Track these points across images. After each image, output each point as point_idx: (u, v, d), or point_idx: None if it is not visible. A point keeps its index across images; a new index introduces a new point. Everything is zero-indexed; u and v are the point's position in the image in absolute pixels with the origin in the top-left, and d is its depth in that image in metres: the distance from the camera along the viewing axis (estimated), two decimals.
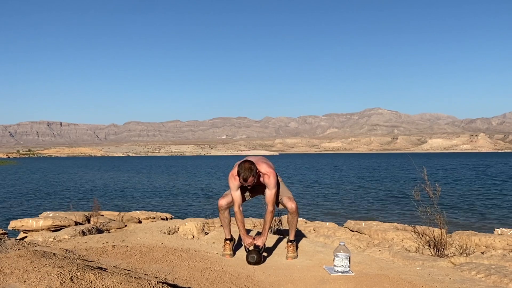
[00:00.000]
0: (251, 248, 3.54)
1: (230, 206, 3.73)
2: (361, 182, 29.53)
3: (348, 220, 6.57)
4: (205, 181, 33.08)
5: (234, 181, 3.56)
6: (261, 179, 3.55)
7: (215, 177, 37.56)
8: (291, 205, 3.63)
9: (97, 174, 45.80)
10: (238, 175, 3.42)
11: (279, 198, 3.73)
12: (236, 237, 3.94)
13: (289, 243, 3.75)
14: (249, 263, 3.42)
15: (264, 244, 3.57)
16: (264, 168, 3.54)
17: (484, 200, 17.17)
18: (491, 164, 60.52)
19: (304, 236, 5.46)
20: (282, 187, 3.76)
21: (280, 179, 3.79)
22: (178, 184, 29.85)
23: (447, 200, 16.29)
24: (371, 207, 15.88)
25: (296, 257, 3.65)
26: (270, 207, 3.55)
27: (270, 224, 3.65)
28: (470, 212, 13.90)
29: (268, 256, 3.75)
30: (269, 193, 3.54)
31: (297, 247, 3.79)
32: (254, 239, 3.58)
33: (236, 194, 3.59)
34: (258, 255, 3.45)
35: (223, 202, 3.70)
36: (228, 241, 3.75)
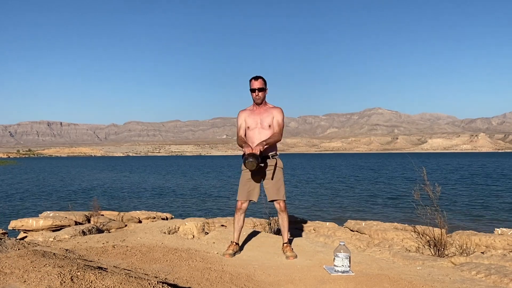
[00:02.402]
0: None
1: (248, 206, 3.82)
2: (361, 182, 29.53)
3: (348, 220, 6.56)
4: (205, 181, 33.08)
5: (240, 114, 3.84)
6: (271, 111, 3.76)
7: (215, 177, 37.57)
8: (279, 204, 3.76)
9: (97, 174, 45.80)
10: (250, 81, 3.71)
11: (274, 196, 3.75)
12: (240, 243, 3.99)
13: (285, 244, 3.82)
14: (246, 165, 3.46)
15: (261, 152, 3.54)
16: (275, 106, 3.82)
17: (484, 200, 17.16)
18: (490, 164, 60.51)
19: (304, 236, 5.47)
20: (281, 183, 3.79)
21: (281, 166, 3.85)
22: (178, 184, 29.85)
23: (447, 200, 16.28)
24: (371, 207, 15.87)
25: (296, 256, 3.67)
26: (277, 133, 3.72)
27: (271, 141, 3.66)
28: (470, 212, 13.89)
29: (268, 256, 3.77)
30: (277, 119, 3.74)
31: (292, 248, 3.83)
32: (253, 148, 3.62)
33: (242, 125, 3.80)
34: (255, 158, 3.43)
35: (242, 204, 3.77)
36: (234, 243, 3.81)
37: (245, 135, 3.79)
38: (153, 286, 2.10)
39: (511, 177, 31.55)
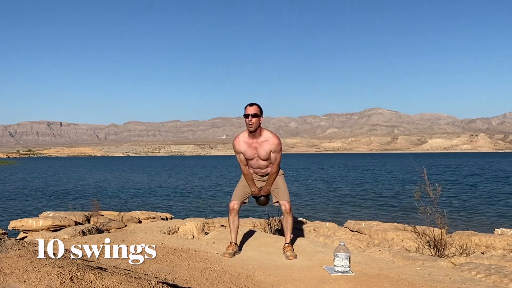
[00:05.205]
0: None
1: (240, 207, 3.85)
2: (361, 182, 29.53)
3: (348, 220, 6.56)
4: (205, 181, 33.08)
5: (236, 145, 3.76)
6: (267, 143, 3.68)
7: (215, 177, 37.56)
8: (285, 206, 3.77)
9: (97, 174, 45.79)
10: (245, 108, 3.65)
11: (278, 197, 3.80)
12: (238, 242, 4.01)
13: (286, 244, 3.83)
14: (260, 203, 3.90)
15: (269, 194, 3.89)
16: (272, 133, 3.73)
17: (484, 200, 17.17)
18: (490, 164, 60.50)
19: (304, 236, 5.47)
20: (284, 186, 3.85)
21: (282, 173, 3.90)
22: (178, 184, 29.85)
23: (447, 200, 16.28)
24: (371, 207, 15.87)
25: (296, 257, 3.68)
26: (275, 168, 3.75)
27: (273, 179, 3.82)
28: (470, 212, 13.90)
29: (268, 256, 3.77)
30: (274, 155, 3.71)
31: (293, 249, 3.85)
32: (260, 190, 3.86)
33: (241, 157, 3.78)
34: (266, 197, 3.88)
35: (235, 205, 3.81)
36: (233, 244, 3.82)
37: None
38: (153, 286, 2.10)
39: (511, 177, 31.55)
